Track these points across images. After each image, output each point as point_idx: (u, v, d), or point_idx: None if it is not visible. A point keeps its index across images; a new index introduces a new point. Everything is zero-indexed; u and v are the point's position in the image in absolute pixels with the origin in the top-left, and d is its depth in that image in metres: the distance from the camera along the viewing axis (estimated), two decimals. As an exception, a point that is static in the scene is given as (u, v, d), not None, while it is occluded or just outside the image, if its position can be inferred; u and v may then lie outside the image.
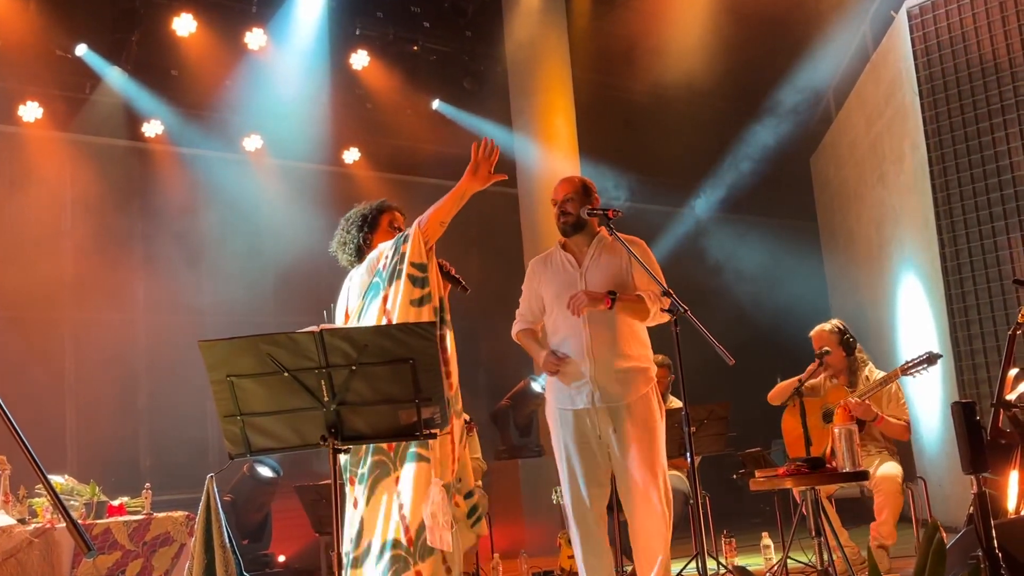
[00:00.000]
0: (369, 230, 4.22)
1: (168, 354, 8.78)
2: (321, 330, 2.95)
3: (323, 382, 2.98)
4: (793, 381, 5.66)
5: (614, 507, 4.67)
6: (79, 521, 4.82)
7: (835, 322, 5.89)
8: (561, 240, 4.73)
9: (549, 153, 9.59)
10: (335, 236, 4.23)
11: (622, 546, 5.17)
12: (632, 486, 4.38)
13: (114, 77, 8.92)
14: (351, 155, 10.57)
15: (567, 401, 4.50)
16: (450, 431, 3.70)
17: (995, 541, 3.02)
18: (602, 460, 4.46)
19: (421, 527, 3.48)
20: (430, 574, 3.50)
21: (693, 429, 4.90)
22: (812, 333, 5.88)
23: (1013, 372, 4.28)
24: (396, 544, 3.50)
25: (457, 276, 4.11)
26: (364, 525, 3.59)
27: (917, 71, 7.30)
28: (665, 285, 4.23)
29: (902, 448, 5.78)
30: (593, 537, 4.46)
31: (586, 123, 10.00)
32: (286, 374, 2.96)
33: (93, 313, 9.01)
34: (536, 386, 8.39)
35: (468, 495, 3.80)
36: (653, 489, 4.33)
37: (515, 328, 4.78)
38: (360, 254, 4.13)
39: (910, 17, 7.38)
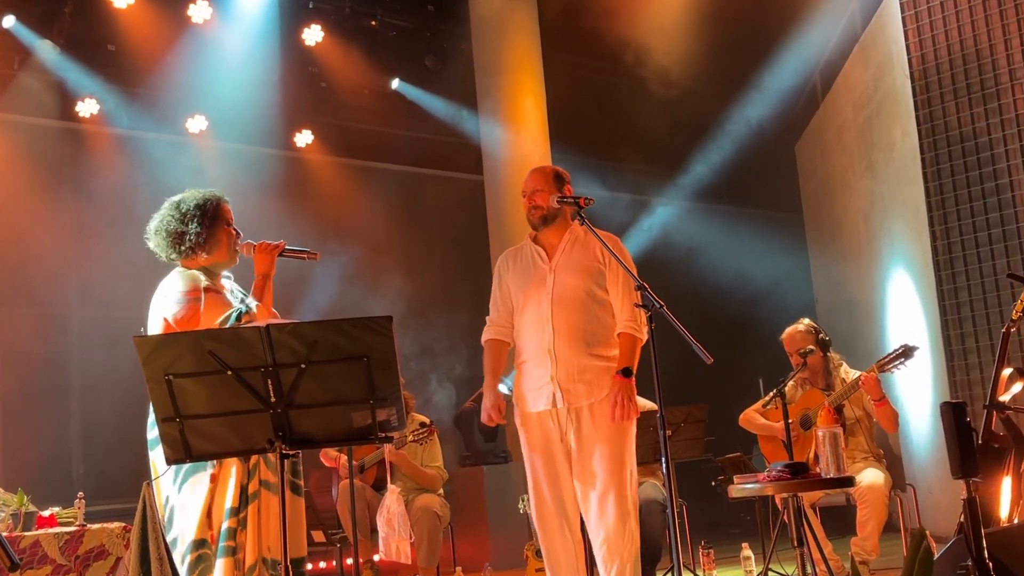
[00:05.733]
0: (210, 224, 3.97)
1: (103, 351, 8.68)
2: (268, 325, 2.93)
3: (270, 381, 2.96)
4: (762, 411, 5.74)
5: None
6: (3, 534, 4.76)
7: (807, 322, 5.93)
8: (532, 233, 4.74)
9: (517, 137, 9.58)
10: (156, 225, 4.00)
11: (590, 558, 5.18)
12: (591, 493, 4.40)
13: (45, 51, 8.80)
14: (303, 138, 10.52)
15: (529, 403, 4.56)
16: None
17: (986, 550, 3.05)
18: (566, 465, 4.49)
19: None
20: None
21: (669, 433, 4.91)
22: (784, 336, 5.91)
23: (1007, 372, 4.33)
24: None
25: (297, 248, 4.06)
26: None
27: (908, 53, 7.36)
28: (639, 280, 4.27)
29: (889, 453, 5.83)
30: (559, 548, 4.48)
31: (557, 105, 10.00)
32: (229, 373, 2.93)
33: (21, 307, 8.90)
34: (503, 388, 8.37)
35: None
36: (614, 496, 4.35)
37: (484, 335, 4.81)
38: (193, 253, 3.95)
39: (901, -6, 7.44)
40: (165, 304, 3.77)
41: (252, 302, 3.82)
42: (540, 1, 10.03)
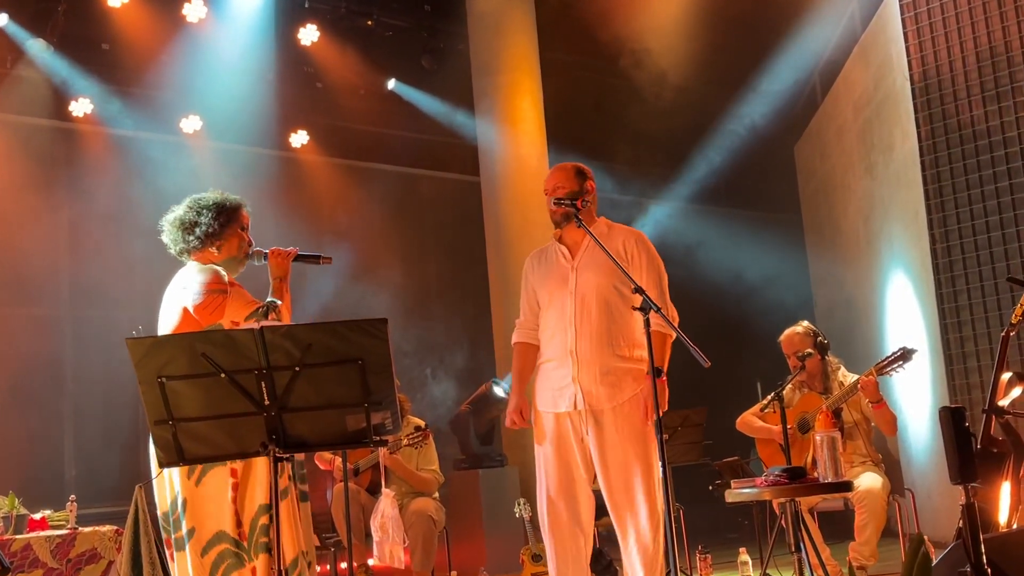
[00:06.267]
0: (226, 222, 4.05)
1: (97, 353, 8.69)
2: (262, 327, 2.93)
3: (263, 384, 2.96)
4: (760, 415, 5.75)
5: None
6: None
7: (806, 324, 5.92)
8: (557, 232, 4.72)
9: (514, 137, 9.59)
10: (172, 217, 4.08)
11: (594, 557, 5.19)
12: (614, 497, 4.40)
13: (38, 50, 8.80)
14: (299, 139, 10.52)
15: (548, 403, 4.53)
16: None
17: (984, 556, 3.06)
18: (583, 468, 4.48)
19: None
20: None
21: (666, 436, 4.93)
22: (782, 338, 5.89)
23: (1006, 376, 4.33)
24: None
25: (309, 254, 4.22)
26: None
27: (908, 54, 7.37)
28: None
29: (888, 458, 5.83)
30: (568, 552, 4.47)
31: (554, 106, 10.00)
32: (223, 376, 2.93)
33: (13, 307, 8.89)
34: (499, 390, 8.39)
35: None
36: (644, 497, 4.35)
37: (513, 337, 4.80)
38: (201, 244, 4.02)
39: (901, -5, 7.45)
40: (185, 295, 3.84)
41: (276, 301, 3.92)
42: (537, 1, 10.04)
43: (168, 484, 3.76)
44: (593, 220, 4.64)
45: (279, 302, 3.90)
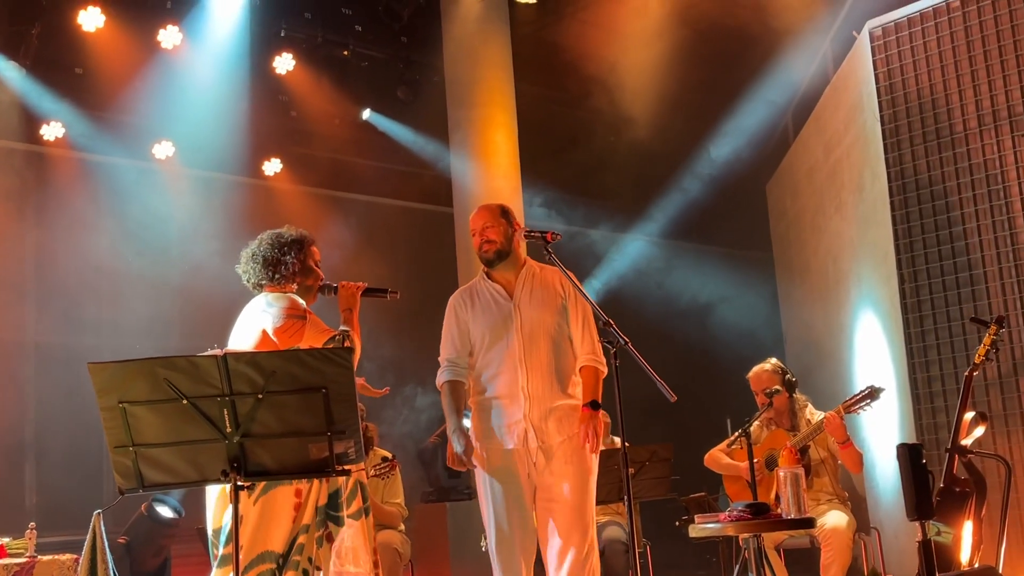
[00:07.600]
0: (304, 259, 4.35)
1: (61, 379, 8.61)
2: (224, 354, 2.92)
3: (226, 411, 2.95)
4: (727, 451, 5.78)
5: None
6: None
7: (774, 361, 5.96)
8: (484, 270, 4.74)
9: (488, 170, 9.63)
10: (253, 251, 4.29)
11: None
12: (555, 531, 4.41)
13: (10, 73, 8.79)
14: (272, 167, 10.52)
15: (496, 440, 4.56)
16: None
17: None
18: (529, 503, 4.50)
19: None
20: None
21: (632, 471, 4.92)
22: (750, 375, 5.93)
23: (969, 416, 4.38)
24: None
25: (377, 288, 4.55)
26: None
27: (879, 95, 7.46)
28: (604, 316, 4.31)
29: (855, 496, 5.85)
30: None
31: (528, 140, 10.05)
32: (185, 401, 2.93)
33: (-23, 333, 8.82)
34: (467, 422, 8.37)
35: None
36: (579, 533, 4.37)
37: (441, 377, 4.77)
38: (284, 281, 4.23)
39: (872, 38, 7.54)
40: (265, 318, 3.98)
41: (347, 329, 4.18)
42: (513, 36, 10.12)
43: (226, 500, 3.76)
44: (522, 259, 4.68)
45: (350, 330, 4.13)
